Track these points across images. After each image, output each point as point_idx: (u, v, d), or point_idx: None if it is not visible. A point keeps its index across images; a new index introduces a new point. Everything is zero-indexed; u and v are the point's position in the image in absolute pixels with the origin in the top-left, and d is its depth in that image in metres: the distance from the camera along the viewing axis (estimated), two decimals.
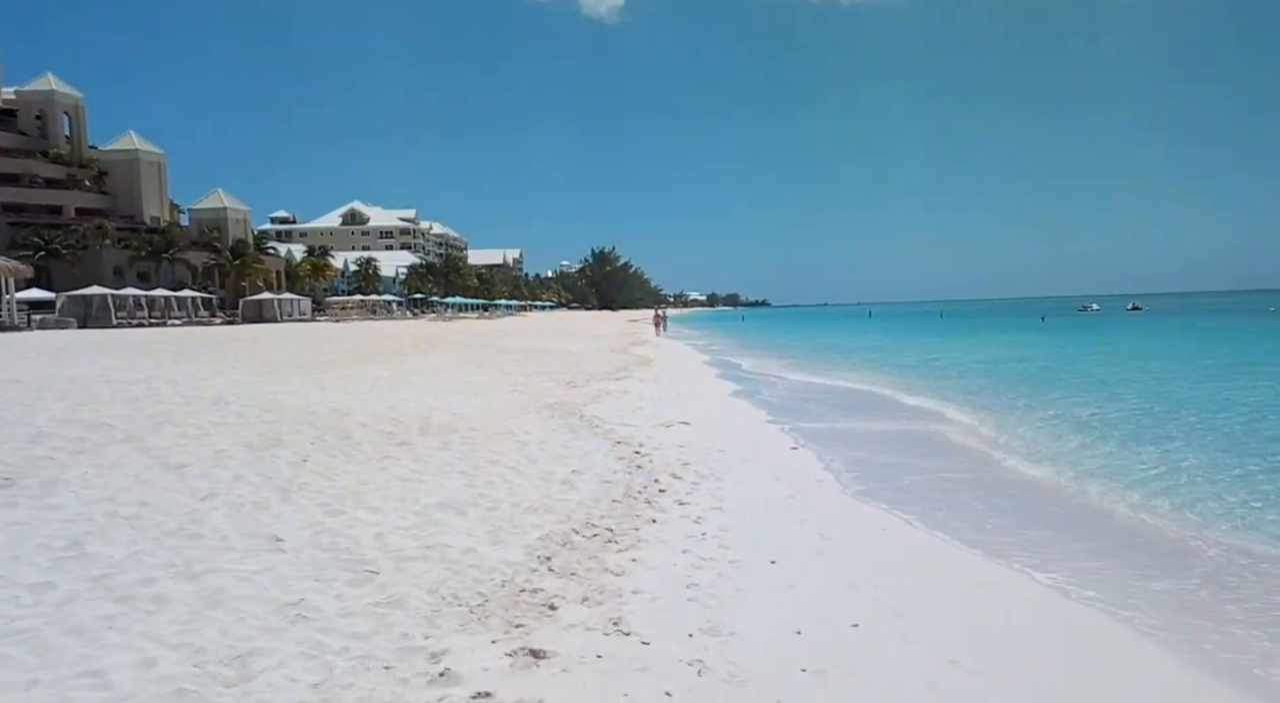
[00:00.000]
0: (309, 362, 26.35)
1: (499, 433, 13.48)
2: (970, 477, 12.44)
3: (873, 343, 56.03)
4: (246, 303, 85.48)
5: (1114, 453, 14.16)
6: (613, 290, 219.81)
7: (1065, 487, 11.82)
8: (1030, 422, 17.69)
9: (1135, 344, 46.33)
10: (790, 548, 8.37)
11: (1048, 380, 26.59)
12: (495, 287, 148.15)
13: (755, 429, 16.88)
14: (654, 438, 14.57)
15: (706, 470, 11.87)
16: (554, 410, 17.41)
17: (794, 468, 12.79)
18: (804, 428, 16.84)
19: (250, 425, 11.92)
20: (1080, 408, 19.61)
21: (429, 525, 8.11)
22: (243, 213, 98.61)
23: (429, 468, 10.42)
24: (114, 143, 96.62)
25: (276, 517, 8.02)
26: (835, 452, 14.24)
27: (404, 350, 31.64)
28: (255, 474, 9.41)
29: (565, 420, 15.91)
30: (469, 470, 10.47)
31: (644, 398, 20.83)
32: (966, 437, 15.96)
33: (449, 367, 26.38)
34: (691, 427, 16.45)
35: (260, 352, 29.54)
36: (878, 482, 11.92)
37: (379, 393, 18.61)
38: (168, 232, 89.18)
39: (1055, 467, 13.04)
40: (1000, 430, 16.58)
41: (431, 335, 45.15)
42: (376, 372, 24.21)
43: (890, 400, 21.92)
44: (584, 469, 11.21)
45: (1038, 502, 10.95)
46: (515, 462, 11.30)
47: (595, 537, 8.25)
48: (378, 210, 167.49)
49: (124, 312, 71.10)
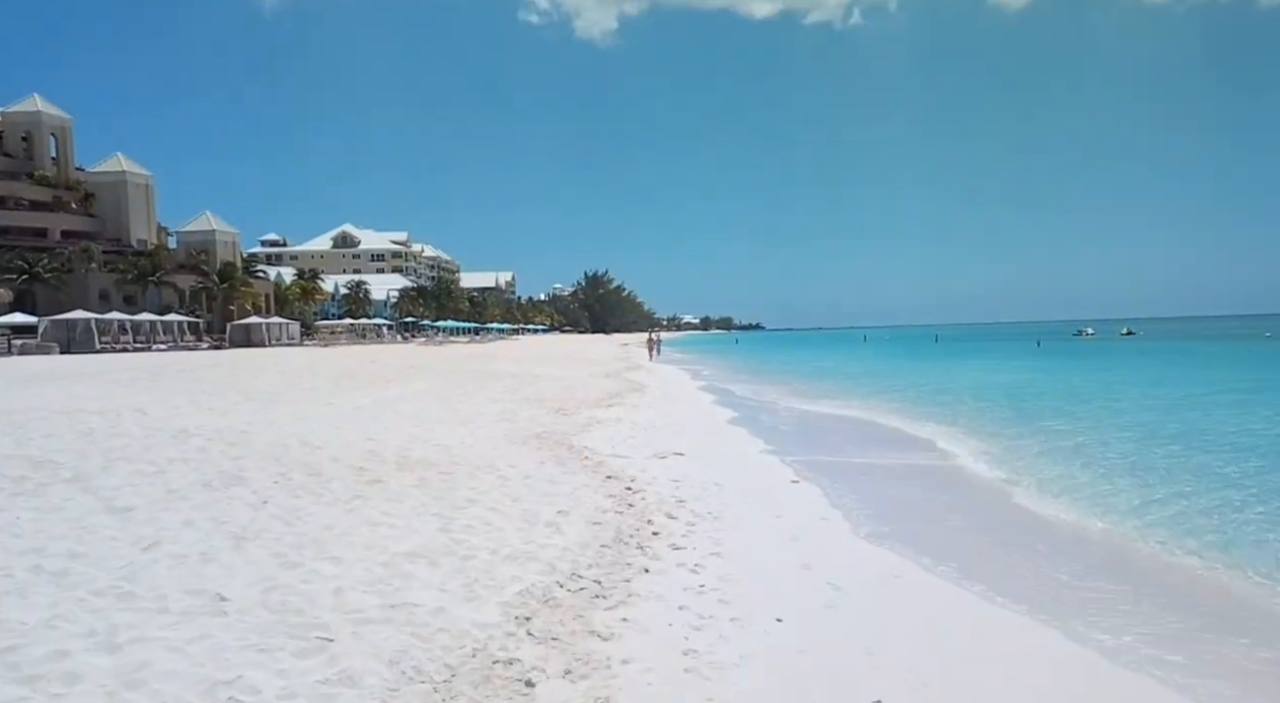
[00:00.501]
0: (290, 389, 25.50)
1: (482, 467, 12.64)
2: (990, 516, 11.63)
3: (870, 368, 55.16)
4: (234, 327, 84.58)
5: (1149, 493, 13.36)
6: (606, 313, 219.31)
7: (1095, 528, 11.01)
8: (1047, 455, 16.86)
9: (1137, 371, 45.64)
10: (798, 602, 7.54)
11: (1054, 409, 25.82)
12: (487, 310, 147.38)
13: (753, 460, 16.05)
14: (647, 471, 13.75)
15: (703, 509, 11.04)
16: (542, 441, 16.59)
17: (796, 504, 11.97)
18: (804, 459, 16.02)
19: (212, 461, 11.05)
20: (1100, 443, 18.85)
21: (396, 579, 7.26)
22: (231, 235, 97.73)
23: (402, 510, 9.57)
24: (101, 165, 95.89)
25: (225, 569, 7.16)
26: (840, 486, 13.43)
27: (389, 377, 30.77)
28: (208, 518, 8.56)
29: (554, 452, 15.08)
30: (446, 512, 9.63)
31: (636, 426, 20.02)
32: (979, 469, 15.15)
33: (435, 394, 25.54)
34: (686, 458, 15.63)
35: (240, 378, 28.67)
36: (888, 520, 11.10)
37: (359, 423, 17.78)
38: (155, 255, 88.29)
39: (1078, 505, 12.22)
40: (1015, 465, 15.75)
41: (420, 361, 44.28)
42: (359, 399, 23.37)
43: (894, 430, 21.10)
44: (571, 509, 10.37)
45: (1072, 547, 10.11)
46: (497, 501, 10.46)
47: (581, 591, 7.41)
48: (369, 233, 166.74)
49: (108, 336, 70.13)
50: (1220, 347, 73.36)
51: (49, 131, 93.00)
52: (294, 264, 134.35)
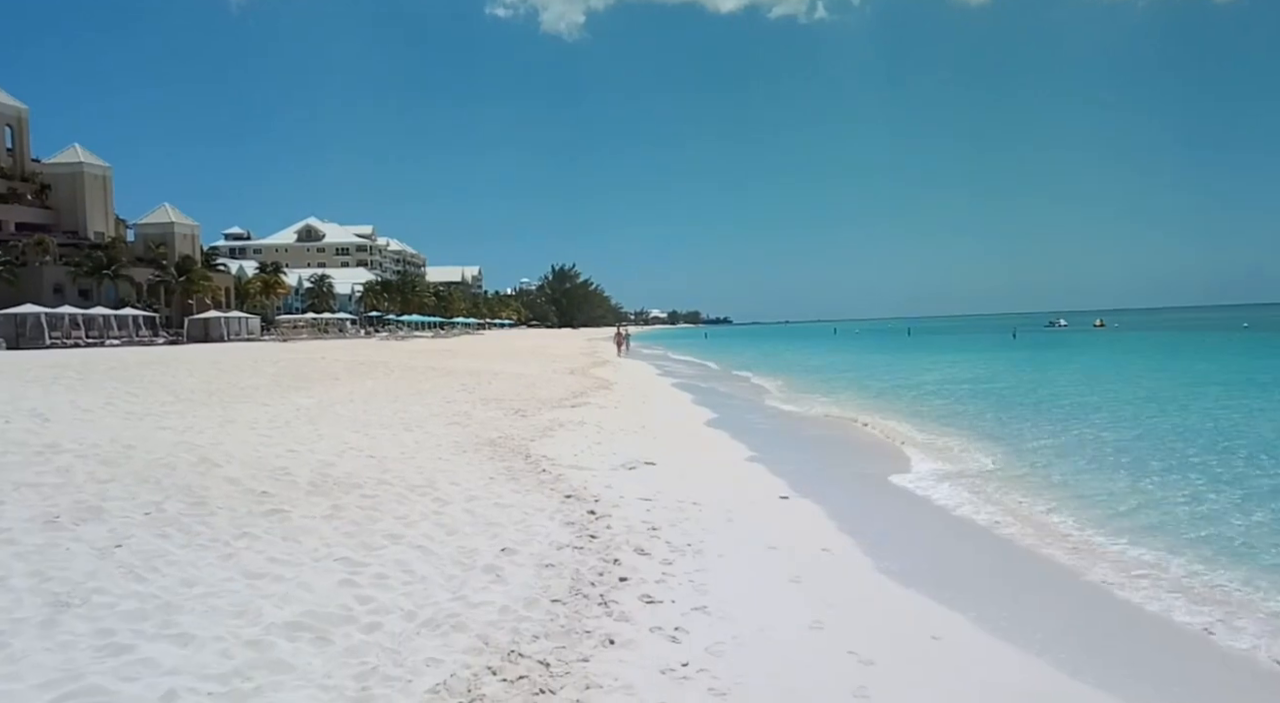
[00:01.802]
0: (226, 389, 23.16)
1: (417, 487, 10.47)
2: (1034, 547, 9.61)
3: (847, 361, 53.06)
4: (192, 322, 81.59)
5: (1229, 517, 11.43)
6: (573, 308, 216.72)
7: (1152, 564, 9.02)
8: (1066, 465, 14.88)
9: (1122, 364, 43.83)
10: (815, 687, 5.49)
11: (1051, 407, 23.93)
12: (453, 304, 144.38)
13: (737, 470, 13.99)
14: (614, 487, 11.65)
15: (681, 539, 8.96)
16: (496, 449, 14.45)
17: (792, 528, 9.92)
18: (793, 468, 13.97)
19: (72, 486, 8.79)
20: (1114, 444, 16.99)
21: (258, 671, 5.10)
22: (191, 228, 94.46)
23: (300, 552, 7.40)
24: (58, 156, 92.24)
25: (8, 662, 4.97)
26: (839, 502, 11.39)
27: (338, 375, 28.40)
28: (29, 573, 6.34)
29: (507, 464, 12.94)
30: (357, 555, 7.46)
31: (603, 430, 17.91)
32: (994, 485, 13.12)
33: (385, 394, 23.30)
34: (659, 468, 13.57)
35: (177, 377, 26.25)
36: (903, 552, 9.07)
37: (290, 429, 15.57)
38: (111, 247, 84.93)
39: (1127, 536, 10.24)
40: (1034, 477, 13.79)
41: (377, 357, 41.82)
42: (300, 400, 21.11)
43: (892, 432, 19.05)
44: (520, 545, 8.25)
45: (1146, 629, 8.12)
46: (428, 535, 8.31)
47: (521, 681, 5.29)
48: (334, 227, 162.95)
49: (59, 332, 67.00)
50: (1219, 337, 70.88)
51: (4, 122, 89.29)
52: (257, 258, 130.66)
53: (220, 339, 79.43)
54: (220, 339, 79.43)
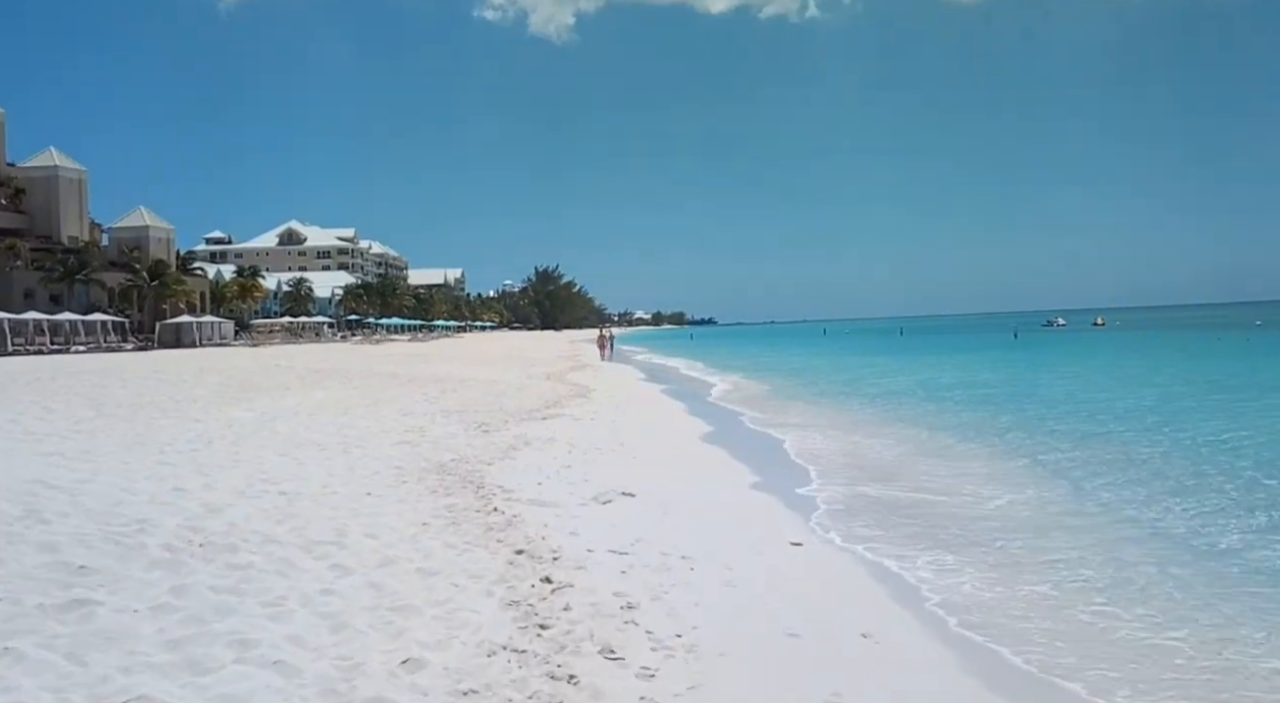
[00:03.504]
0: (158, 402, 20.39)
1: (318, 543, 7.76)
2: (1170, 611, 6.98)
3: (845, 363, 50.01)
4: (163, 327, 78.43)
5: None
6: (556, 310, 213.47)
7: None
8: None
9: (1155, 366, 40.92)
10: None
11: (1090, 420, 21.37)
12: (434, 307, 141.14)
13: (737, 502, 11.33)
14: (581, 533, 8.98)
15: (667, 626, 6.30)
16: (443, 477, 11.77)
17: (814, 596, 7.29)
18: (810, 493, 11.35)
19: None
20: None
21: None
22: (166, 231, 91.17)
23: (78, 683, 4.68)
24: (33, 159, 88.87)
25: None
26: (878, 543, 8.75)
27: (289, 384, 25.57)
28: None
29: (450, 500, 10.24)
30: (169, 683, 4.75)
31: (575, 449, 15.23)
32: (1069, 516, 10.52)
33: (335, 405, 20.55)
34: (640, 499, 10.94)
35: (110, 388, 23.44)
36: (989, 630, 6.43)
37: (209, 452, 12.97)
38: (84, 252, 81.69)
39: None
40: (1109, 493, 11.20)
41: (343, 362, 38.92)
42: (239, 413, 18.39)
43: (921, 445, 16.38)
44: (433, 648, 5.54)
45: None
46: (297, 636, 5.59)
47: None
48: (315, 230, 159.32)
49: (21, 338, 63.79)
50: (1234, 336, 67.70)
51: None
52: (238, 262, 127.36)
53: (192, 344, 76.32)
54: (192, 344, 76.32)
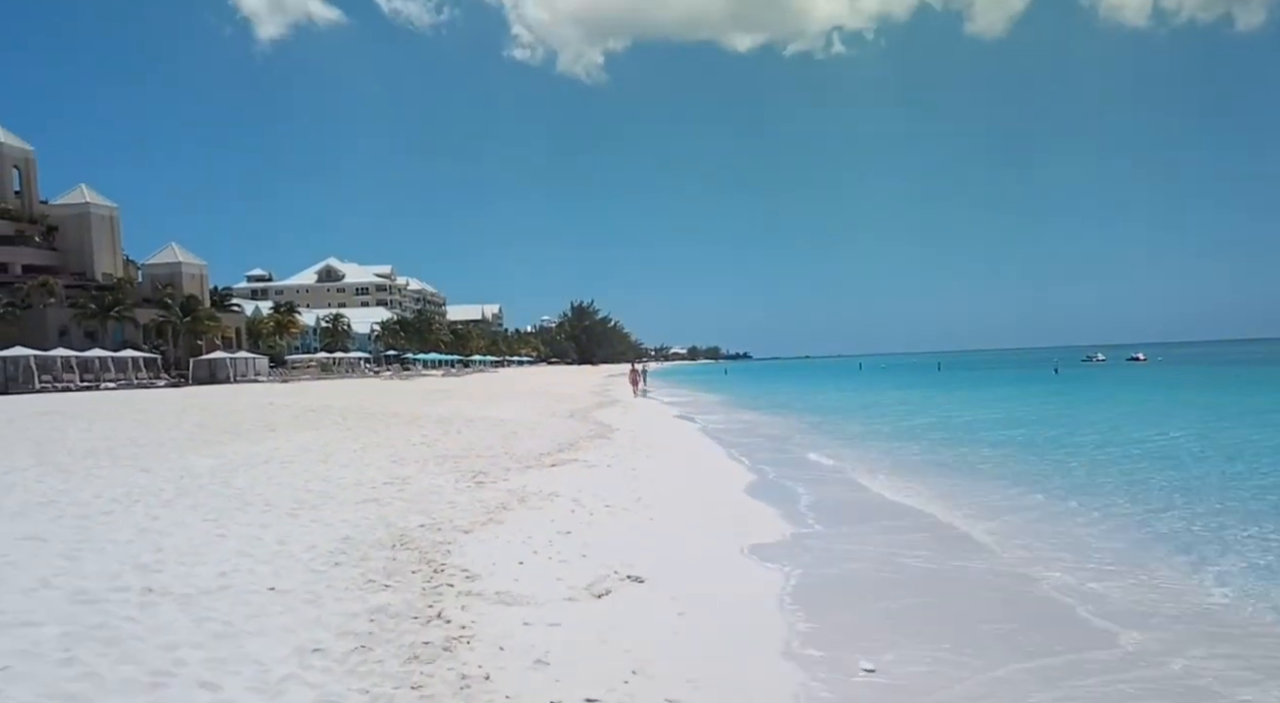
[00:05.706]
0: (117, 447, 17.91)
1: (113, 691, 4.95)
2: None
3: (890, 400, 45.82)
4: (197, 363, 76.85)
5: None
6: (592, 345, 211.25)
7: None
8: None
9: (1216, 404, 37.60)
10: None
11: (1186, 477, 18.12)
12: (470, 342, 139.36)
13: (784, 593, 8.34)
14: (551, 657, 6.10)
15: None
16: (396, 553, 8.95)
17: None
18: (885, 609, 8.34)
19: None
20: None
21: None
22: (198, 267, 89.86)
23: None
24: (65, 197, 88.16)
25: None
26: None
27: (276, 424, 22.89)
28: None
29: (382, 599, 7.39)
30: None
31: (580, 505, 12.34)
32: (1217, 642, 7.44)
33: (317, 450, 17.85)
34: (648, 588, 8.06)
35: (67, 433, 20.94)
36: None
37: (126, 515, 10.40)
38: (117, 288, 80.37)
39: None
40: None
41: (345, 400, 36.22)
42: (198, 462, 15.76)
43: (1045, 509, 13.31)
44: None
45: None
46: None
47: None
48: (353, 266, 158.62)
49: (49, 375, 62.07)
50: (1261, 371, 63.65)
51: (11, 163, 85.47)
52: (278, 298, 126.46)
53: (226, 380, 74.60)
54: (226, 380, 74.60)
